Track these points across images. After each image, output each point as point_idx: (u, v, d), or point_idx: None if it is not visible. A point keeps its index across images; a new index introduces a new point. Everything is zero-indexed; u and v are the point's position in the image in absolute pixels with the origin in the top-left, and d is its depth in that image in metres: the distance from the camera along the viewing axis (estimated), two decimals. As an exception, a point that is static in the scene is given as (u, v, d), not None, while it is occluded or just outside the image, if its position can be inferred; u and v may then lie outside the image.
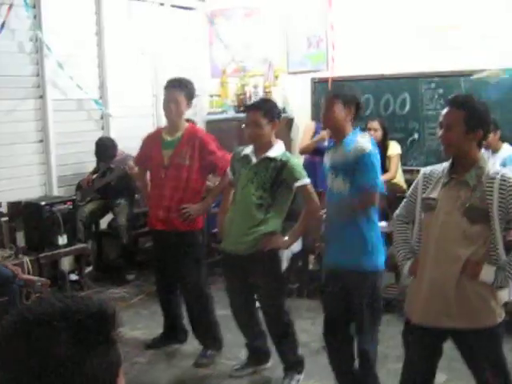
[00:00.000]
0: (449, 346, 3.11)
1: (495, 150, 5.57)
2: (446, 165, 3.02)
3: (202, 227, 4.57)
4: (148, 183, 4.65)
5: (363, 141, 3.48)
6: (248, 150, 3.92)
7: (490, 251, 2.88)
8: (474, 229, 2.87)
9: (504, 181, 2.82)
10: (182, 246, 4.38)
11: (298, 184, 3.78)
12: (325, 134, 5.64)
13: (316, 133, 6.16)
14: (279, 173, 3.78)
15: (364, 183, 3.42)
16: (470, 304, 2.91)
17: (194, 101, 7.73)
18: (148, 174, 4.69)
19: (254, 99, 6.72)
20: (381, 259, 3.54)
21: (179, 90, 4.29)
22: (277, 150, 3.84)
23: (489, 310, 2.91)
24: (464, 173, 2.90)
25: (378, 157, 3.53)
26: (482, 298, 2.90)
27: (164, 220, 4.36)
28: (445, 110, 2.95)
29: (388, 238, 4.05)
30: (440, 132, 2.96)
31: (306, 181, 3.82)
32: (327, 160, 3.63)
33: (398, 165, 6.04)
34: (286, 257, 5.30)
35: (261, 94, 7.13)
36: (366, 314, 3.51)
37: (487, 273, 2.86)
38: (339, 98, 3.49)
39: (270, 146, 3.83)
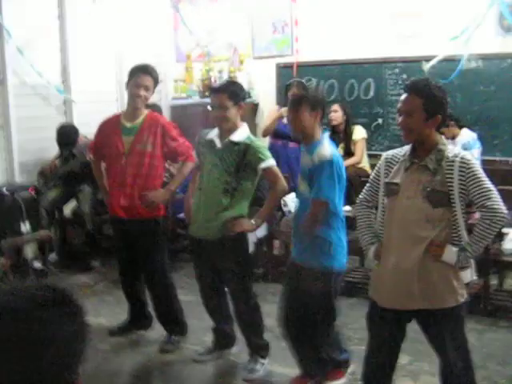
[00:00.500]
0: (411, 328, 3.15)
1: (453, 138, 5.63)
2: (407, 148, 3.04)
3: (164, 214, 4.54)
4: (103, 173, 4.56)
5: (325, 148, 3.45)
6: (213, 134, 3.90)
7: (453, 233, 2.92)
8: (436, 212, 2.90)
9: (463, 163, 2.85)
10: (145, 234, 4.35)
11: (262, 166, 3.77)
12: (282, 111, 5.67)
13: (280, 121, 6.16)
14: (243, 156, 3.76)
15: (314, 194, 3.43)
16: (434, 285, 2.95)
17: (159, 86, 7.75)
18: (103, 164, 4.57)
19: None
20: (339, 261, 3.56)
21: (149, 75, 4.22)
22: (241, 133, 3.82)
23: (452, 291, 2.95)
24: (424, 157, 2.93)
25: (341, 161, 3.52)
26: (444, 279, 2.94)
27: (126, 208, 4.30)
28: (403, 96, 2.96)
29: (352, 222, 4.08)
30: (399, 118, 2.97)
31: (271, 162, 3.81)
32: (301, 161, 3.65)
33: (363, 149, 6.09)
34: (251, 241, 5.32)
35: (226, 79, 7.10)
36: (317, 313, 3.58)
37: (449, 254, 2.90)
38: (306, 102, 3.45)
39: (234, 129, 3.80)
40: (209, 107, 3.91)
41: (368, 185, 3.26)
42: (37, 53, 6.18)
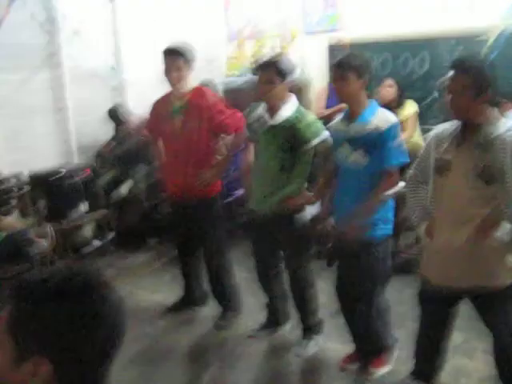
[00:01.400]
0: (466, 306, 3.13)
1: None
2: (457, 123, 2.98)
3: (219, 191, 4.58)
4: (161, 150, 4.63)
5: (384, 114, 3.40)
6: (261, 109, 3.89)
7: (506, 210, 2.87)
8: (489, 189, 2.85)
9: None
10: (201, 211, 4.41)
11: (316, 141, 3.74)
12: (343, 105, 5.59)
13: (330, 95, 6.07)
14: (295, 133, 3.74)
15: (388, 164, 3.33)
16: (487, 263, 2.91)
17: (212, 64, 7.79)
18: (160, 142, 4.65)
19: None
20: (389, 226, 3.53)
21: (178, 56, 4.23)
22: (289, 108, 3.78)
23: (505, 269, 2.91)
24: (476, 133, 2.87)
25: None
26: (498, 257, 2.90)
27: (182, 186, 4.37)
28: (451, 75, 2.89)
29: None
30: (448, 97, 2.91)
31: (323, 136, 3.74)
32: (340, 130, 3.51)
33: (415, 124, 5.96)
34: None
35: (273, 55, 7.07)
36: (376, 283, 3.56)
37: (504, 231, 2.85)
38: (352, 70, 3.33)
39: (282, 103, 3.78)
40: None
41: (418, 160, 3.21)
42: (90, 36, 6.28)
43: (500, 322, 2.98)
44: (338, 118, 3.61)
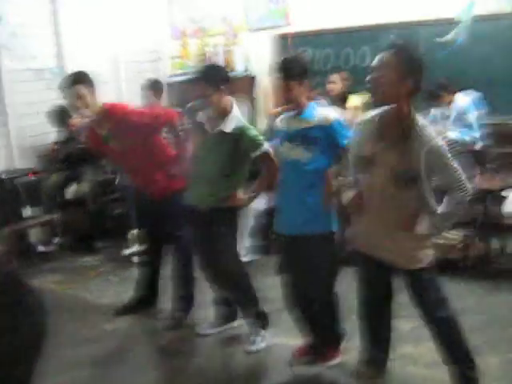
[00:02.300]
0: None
1: (449, 103, 5.50)
2: (377, 115, 3.00)
3: (181, 188, 4.52)
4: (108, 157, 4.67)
5: (325, 111, 3.49)
6: (203, 116, 3.90)
7: (424, 206, 2.96)
8: (405, 193, 2.93)
9: (432, 145, 2.83)
10: (165, 210, 4.39)
11: (257, 153, 3.79)
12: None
13: None
14: (237, 145, 3.78)
15: (341, 145, 3.38)
16: (406, 251, 3.06)
17: (157, 64, 7.73)
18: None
19: (213, 60, 6.66)
20: (334, 222, 3.57)
21: (79, 84, 4.12)
22: (231, 122, 3.80)
23: (422, 255, 3.05)
24: (393, 132, 2.90)
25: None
26: (416, 246, 3.05)
27: (149, 191, 4.41)
28: (380, 54, 2.89)
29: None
30: (372, 74, 2.89)
31: (265, 147, 3.81)
32: (282, 129, 3.56)
33: (353, 114, 6.02)
34: (252, 215, 5.33)
35: (221, 54, 7.06)
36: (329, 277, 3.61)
37: (423, 225, 2.96)
38: (294, 78, 3.38)
39: (224, 113, 3.81)
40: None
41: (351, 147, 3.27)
42: (31, 37, 6.16)
43: (425, 303, 3.12)
44: (285, 116, 3.64)
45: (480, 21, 5.89)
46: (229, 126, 3.80)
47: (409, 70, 2.81)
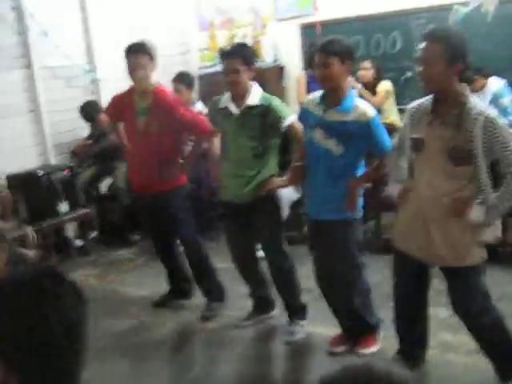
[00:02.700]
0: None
1: (482, 88, 5.44)
2: (428, 99, 2.98)
3: (184, 183, 4.54)
4: (123, 134, 4.57)
5: (364, 105, 3.40)
6: (225, 101, 3.87)
7: (478, 191, 2.87)
8: (459, 170, 2.86)
9: (489, 122, 2.76)
10: (168, 204, 4.40)
11: (285, 124, 3.75)
12: None
13: (310, 83, 6.06)
14: (264, 118, 3.76)
15: (379, 151, 3.39)
16: (454, 242, 2.94)
17: (186, 56, 7.75)
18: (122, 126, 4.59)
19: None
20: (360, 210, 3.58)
21: (142, 53, 4.18)
22: (254, 94, 3.79)
23: (471, 250, 2.94)
24: (447, 110, 2.85)
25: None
26: (466, 237, 2.93)
27: (146, 184, 4.38)
28: (422, 45, 2.86)
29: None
30: (419, 68, 2.88)
31: (292, 118, 3.77)
32: (316, 113, 3.47)
33: (384, 98, 5.99)
34: (285, 205, 5.32)
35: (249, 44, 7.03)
36: (351, 260, 3.59)
37: (477, 212, 2.86)
38: (336, 55, 3.28)
39: (247, 91, 3.79)
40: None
41: (398, 135, 3.23)
42: (60, 35, 6.21)
43: (463, 300, 3.03)
44: (312, 98, 3.58)
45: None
46: (255, 99, 3.78)
47: (455, 53, 2.78)
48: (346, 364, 1.05)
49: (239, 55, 3.74)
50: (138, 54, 4.18)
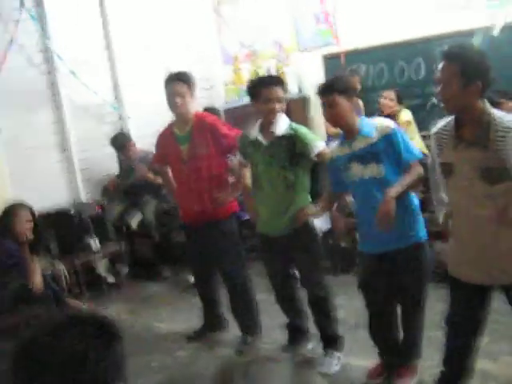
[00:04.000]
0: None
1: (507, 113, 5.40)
2: (451, 121, 2.93)
3: (235, 211, 4.55)
4: (171, 178, 4.65)
5: (381, 120, 3.43)
6: (254, 132, 3.90)
7: None
8: (496, 188, 2.81)
9: None
10: (220, 234, 4.39)
11: (315, 151, 3.77)
12: None
13: None
14: (293, 147, 3.77)
15: (410, 158, 3.35)
16: (507, 255, 2.85)
17: (210, 91, 7.84)
18: (169, 170, 4.68)
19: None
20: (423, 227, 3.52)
21: (181, 82, 4.25)
22: (282, 124, 3.81)
23: None
24: (471, 131, 2.81)
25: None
26: None
27: (199, 213, 4.36)
28: (440, 65, 2.83)
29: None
30: (438, 88, 2.84)
31: (321, 145, 3.81)
32: (344, 154, 3.46)
33: (412, 130, 5.96)
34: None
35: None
36: (419, 286, 3.54)
37: None
38: (338, 93, 3.31)
39: (274, 120, 3.80)
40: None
41: (429, 158, 3.19)
42: (87, 74, 6.34)
43: None
44: (334, 144, 3.61)
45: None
46: (281, 128, 3.80)
47: (473, 72, 2.73)
48: None
49: (280, 84, 3.81)
50: (177, 81, 4.24)
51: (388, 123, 3.39)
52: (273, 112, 3.76)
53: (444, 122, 3.00)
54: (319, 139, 3.88)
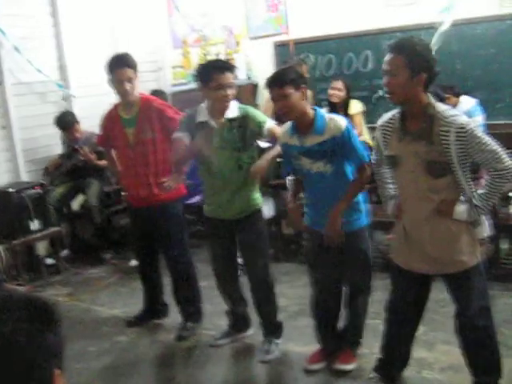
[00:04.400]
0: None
1: (454, 107, 5.52)
2: (397, 114, 2.98)
3: (182, 194, 4.51)
4: (116, 160, 4.59)
5: (335, 119, 3.40)
6: (202, 115, 3.82)
7: (461, 192, 2.89)
8: (440, 182, 2.88)
9: (460, 128, 2.75)
10: (167, 218, 4.35)
11: (266, 128, 3.76)
12: None
13: None
14: (245, 128, 3.76)
15: (356, 162, 3.39)
16: (446, 247, 2.94)
17: (158, 73, 7.75)
18: (114, 152, 4.60)
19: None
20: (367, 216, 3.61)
21: (128, 67, 4.16)
22: (233, 107, 3.79)
23: (466, 253, 2.93)
24: (416, 125, 2.87)
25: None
26: (458, 241, 2.92)
27: (146, 197, 4.31)
28: (386, 57, 2.86)
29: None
30: (385, 80, 2.88)
31: (270, 122, 3.83)
32: (294, 145, 3.48)
33: (361, 122, 6.03)
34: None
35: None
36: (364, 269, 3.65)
37: (460, 210, 2.88)
38: (290, 84, 3.29)
39: (226, 108, 3.77)
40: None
41: (374, 152, 3.24)
42: (33, 51, 6.17)
43: (465, 298, 3.01)
44: (285, 130, 3.58)
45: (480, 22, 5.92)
46: (233, 111, 3.78)
47: (419, 64, 2.77)
48: None
49: (233, 69, 3.77)
50: (125, 67, 4.15)
51: (340, 123, 3.36)
52: (226, 99, 3.72)
53: (390, 115, 3.04)
54: (267, 117, 3.88)
